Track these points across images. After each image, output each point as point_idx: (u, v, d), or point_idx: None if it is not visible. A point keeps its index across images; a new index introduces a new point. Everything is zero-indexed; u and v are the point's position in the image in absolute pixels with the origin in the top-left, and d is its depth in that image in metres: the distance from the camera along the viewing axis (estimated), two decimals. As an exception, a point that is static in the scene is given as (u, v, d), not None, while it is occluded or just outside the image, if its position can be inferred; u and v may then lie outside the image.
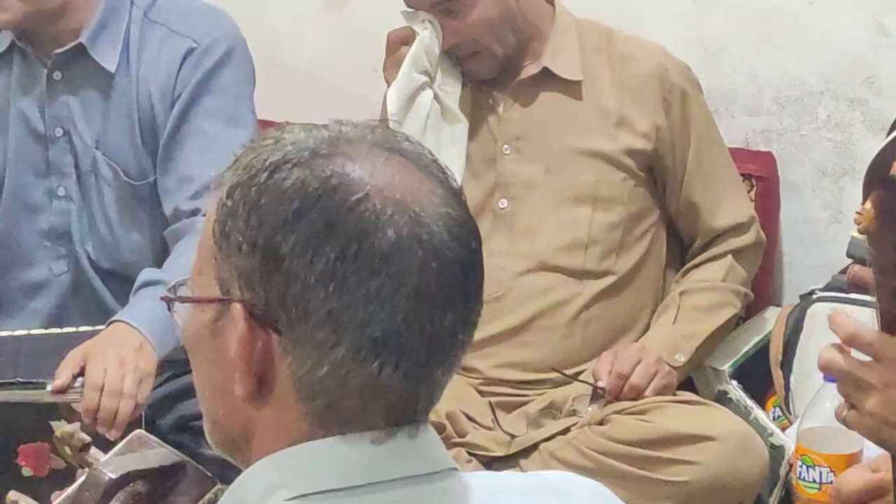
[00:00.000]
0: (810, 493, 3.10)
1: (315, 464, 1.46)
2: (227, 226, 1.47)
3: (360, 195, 1.43)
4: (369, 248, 1.42)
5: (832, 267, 3.47)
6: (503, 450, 3.18)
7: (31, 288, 3.39)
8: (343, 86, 3.46)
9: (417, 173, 1.48)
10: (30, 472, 2.96)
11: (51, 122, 3.31)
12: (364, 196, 1.42)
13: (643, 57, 3.39)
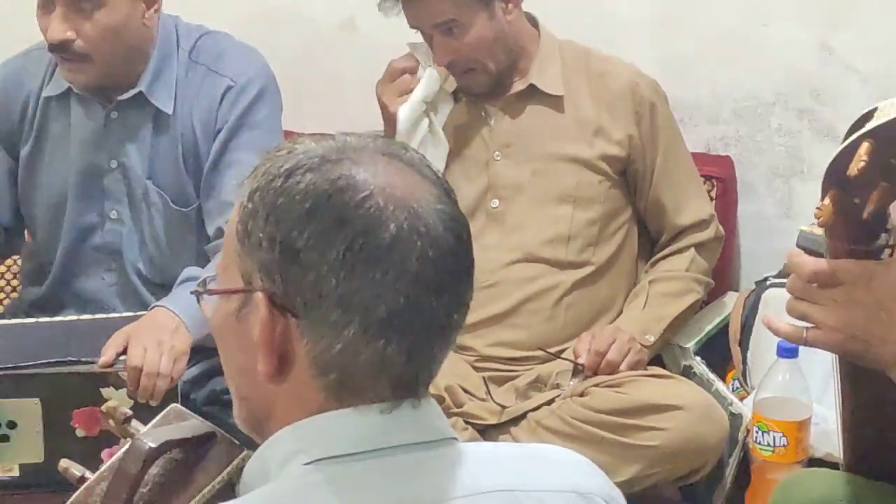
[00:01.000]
0: (765, 455, 3.13)
1: (329, 432, 1.47)
2: (249, 225, 1.49)
3: (364, 194, 1.44)
4: (374, 240, 1.44)
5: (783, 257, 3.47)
6: (495, 419, 3.21)
7: (87, 295, 3.41)
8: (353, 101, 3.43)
9: (414, 175, 1.50)
10: (83, 432, 2.98)
11: (106, 154, 3.33)
12: (368, 194, 1.44)
13: (617, 74, 3.41)
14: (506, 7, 3.28)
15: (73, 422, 2.98)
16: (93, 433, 2.94)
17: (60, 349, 3.04)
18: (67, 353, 3.01)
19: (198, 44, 3.33)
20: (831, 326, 1.99)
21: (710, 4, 3.69)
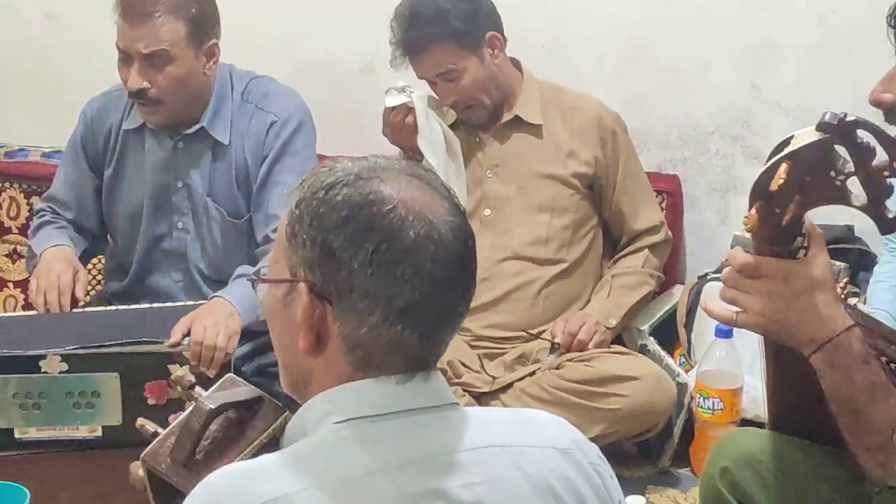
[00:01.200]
0: (706, 416, 3.17)
1: (356, 397, 1.48)
2: (295, 228, 1.50)
3: (389, 206, 1.46)
4: (396, 244, 1.45)
5: (720, 256, 3.48)
6: (488, 387, 3.22)
7: (158, 289, 3.42)
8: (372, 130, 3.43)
9: (430, 191, 1.51)
10: (154, 401, 2.98)
11: (174, 177, 3.35)
12: (393, 207, 1.46)
13: (586, 107, 3.41)
14: (492, 52, 3.29)
15: (145, 392, 2.98)
16: (162, 402, 2.95)
17: (136, 332, 3.04)
18: (141, 336, 3.01)
19: (248, 86, 3.35)
20: (756, 312, 2.00)
21: (661, 52, 3.68)
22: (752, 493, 2.17)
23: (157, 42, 3.10)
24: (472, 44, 3.26)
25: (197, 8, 3.16)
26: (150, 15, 3.10)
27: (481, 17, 3.28)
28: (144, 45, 3.10)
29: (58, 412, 3.00)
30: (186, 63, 3.16)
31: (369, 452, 1.43)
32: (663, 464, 3.23)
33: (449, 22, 3.23)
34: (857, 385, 1.97)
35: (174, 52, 3.13)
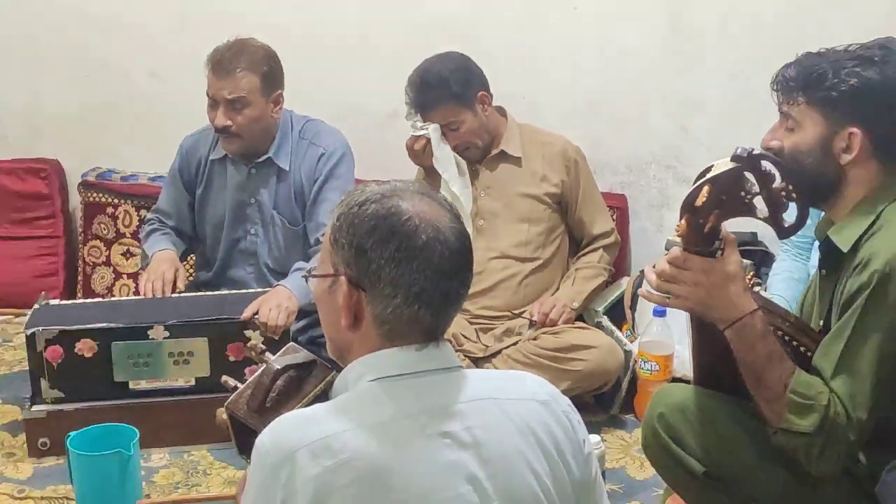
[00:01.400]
0: (646, 375, 3.20)
1: (384, 361, 1.49)
2: (336, 235, 1.51)
3: (406, 217, 1.47)
4: (411, 245, 1.46)
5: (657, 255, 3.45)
6: (482, 353, 3.20)
7: (235, 280, 3.43)
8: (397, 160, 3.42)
9: (437, 205, 1.52)
10: (233, 358, 3.03)
11: (248, 195, 3.37)
12: (409, 217, 1.47)
13: (554, 143, 3.40)
14: (482, 107, 3.29)
15: (227, 352, 3.03)
16: (239, 359, 3.00)
17: (219, 310, 3.10)
18: (223, 312, 3.07)
19: (304, 126, 3.37)
20: (684, 297, 2.02)
21: (612, 103, 3.66)
22: (681, 432, 2.17)
23: (238, 91, 3.15)
24: (466, 102, 3.25)
25: (268, 66, 3.21)
26: (233, 71, 3.15)
27: (473, 81, 3.28)
28: (228, 92, 3.15)
29: (161, 368, 3.05)
30: (259, 107, 3.20)
31: (395, 403, 1.44)
32: (614, 411, 3.21)
33: (449, 88, 3.23)
34: (758, 354, 1.98)
35: (250, 99, 3.17)
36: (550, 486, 1.46)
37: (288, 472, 1.37)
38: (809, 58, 2.09)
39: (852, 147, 2.03)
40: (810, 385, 1.97)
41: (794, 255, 3.08)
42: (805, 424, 1.95)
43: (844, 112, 2.02)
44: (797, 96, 2.06)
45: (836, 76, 2.03)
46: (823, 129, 2.04)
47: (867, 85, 2.02)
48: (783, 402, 1.97)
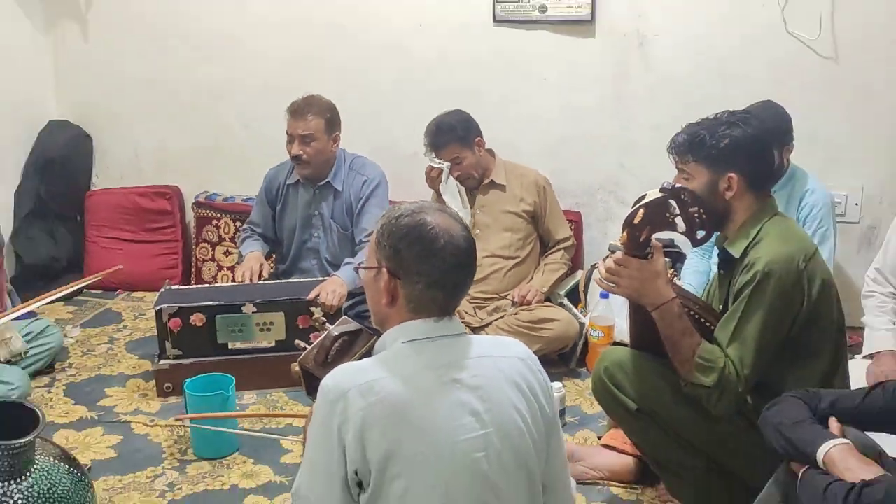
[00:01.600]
0: (595, 340, 3.19)
1: (412, 329, 1.50)
2: (380, 239, 1.52)
3: (430, 227, 1.48)
4: (433, 247, 1.47)
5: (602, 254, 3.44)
6: (478, 324, 3.19)
7: (303, 269, 3.40)
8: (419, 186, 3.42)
9: (451, 219, 1.52)
10: (302, 326, 3.00)
11: (313, 209, 3.35)
12: (431, 227, 1.48)
13: (529, 174, 3.38)
14: (478, 149, 3.27)
15: (297, 322, 3.01)
16: (306, 327, 2.98)
17: (291, 292, 3.08)
18: (294, 294, 3.06)
19: (353, 160, 3.36)
20: (623, 287, 2.03)
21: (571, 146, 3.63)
22: (620, 380, 2.18)
23: (308, 129, 3.17)
24: (467, 144, 3.24)
25: (330, 113, 3.23)
26: (306, 115, 3.18)
27: (472, 130, 3.27)
28: (301, 130, 3.17)
29: (251, 333, 3.05)
30: (322, 142, 3.21)
31: (420, 358, 1.46)
32: (572, 365, 3.19)
33: (456, 133, 3.23)
34: (675, 329, 2.00)
35: (317, 136, 3.19)
36: (529, 420, 1.48)
37: (342, 405, 1.39)
38: (692, 127, 2.13)
39: (732, 186, 2.07)
40: (712, 352, 1.99)
41: (699, 255, 3.08)
42: (707, 380, 1.98)
43: (723, 163, 2.06)
44: (687, 156, 2.10)
45: (713, 138, 2.06)
46: (710, 177, 2.07)
47: (736, 141, 2.06)
48: (692, 363, 1.99)
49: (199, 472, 2.54)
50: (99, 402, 2.98)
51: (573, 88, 3.57)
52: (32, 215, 3.93)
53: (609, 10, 3.44)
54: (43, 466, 1.88)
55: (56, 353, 3.22)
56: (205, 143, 4.05)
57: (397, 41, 3.68)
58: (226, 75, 3.91)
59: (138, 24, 3.94)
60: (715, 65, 3.38)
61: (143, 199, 4.07)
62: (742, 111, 2.17)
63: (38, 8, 4.00)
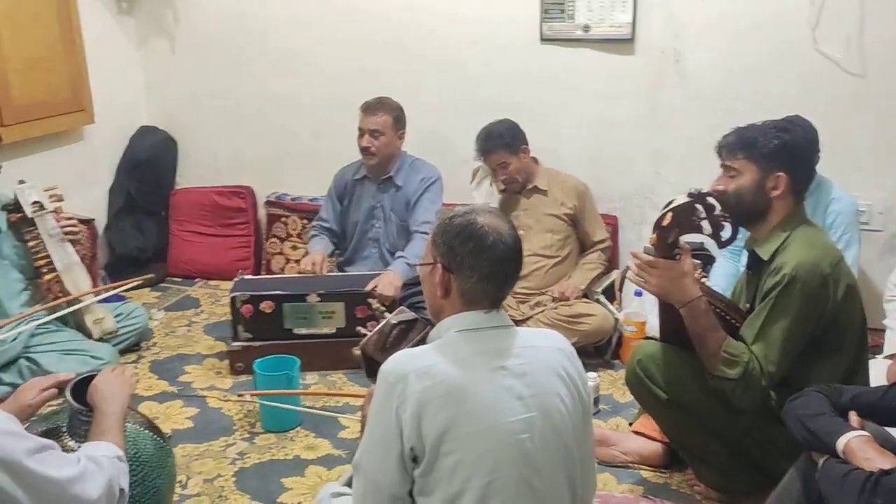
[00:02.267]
0: (628, 334, 3.14)
1: (464, 319, 1.49)
2: (436, 237, 1.52)
3: (480, 226, 1.47)
4: (483, 244, 1.47)
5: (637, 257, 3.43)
6: (521, 317, 3.17)
7: (364, 257, 3.40)
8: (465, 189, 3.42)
9: (500, 219, 1.51)
10: (360, 315, 3.02)
11: (376, 202, 3.36)
12: (482, 226, 1.47)
13: (570, 180, 3.35)
14: (524, 155, 3.26)
15: (356, 312, 3.02)
16: (363, 316, 3.02)
17: (351, 284, 3.09)
18: (353, 285, 3.06)
19: (413, 161, 3.38)
20: (653, 285, 2.01)
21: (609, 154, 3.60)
22: (652, 372, 2.17)
23: (377, 125, 3.22)
24: (513, 151, 3.23)
25: (398, 112, 3.28)
26: (376, 112, 3.22)
27: (519, 138, 3.25)
28: (372, 125, 3.21)
29: (314, 320, 3.07)
30: (389, 137, 3.25)
31: (471, 346, 1.45)
32: (607, 357, 3.16)
33: (504, 139, 3.22)
34: (701, 325, 1.98)
35: (384, 131, 3.23)
36: (569, 405, 1.47)
37: (401, 388, 1.39)
38: (740, 129, 2.10)
39: (779, 186, 2.03)
40: (737, 347, 1.97)
41: (728, 258, 3.04)
42: (732, 373, 1.95)
43: (773, 161, 2.02)
44: (737, 153, 2.05)
45: (764, 138, 2.03)
46: (758, 174, 2.04)
47: (786, 143, 2.02)
48: (718, 357, 1.96)
49: (266, 443, 2.58)
50: (179, 378, 3.05)
51: (612, 101, 3.54)
52: (123, 211, 4.04)
53: (648, 30, 3.41)
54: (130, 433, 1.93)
55: (142, 332, 3.30)
56: (276, 148, 4.10)
57: (452, 57, 3.69)
58: (296, 87, 3.97)
59: (218, 41, 4.02)
60: (746, 80, 3.32)
61: (221, 198, 4.13)
62: (788, 120, 2.13)
63: (132, 27, 4.11)
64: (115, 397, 1.72)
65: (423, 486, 1.40)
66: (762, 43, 3.28)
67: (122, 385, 1.76)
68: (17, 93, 3.31)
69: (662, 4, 3.37)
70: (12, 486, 1.23)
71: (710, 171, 2.20)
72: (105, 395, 1.71)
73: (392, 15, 3.72)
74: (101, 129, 3.90)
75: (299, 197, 4.02)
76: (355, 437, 2.53)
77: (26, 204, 2.90)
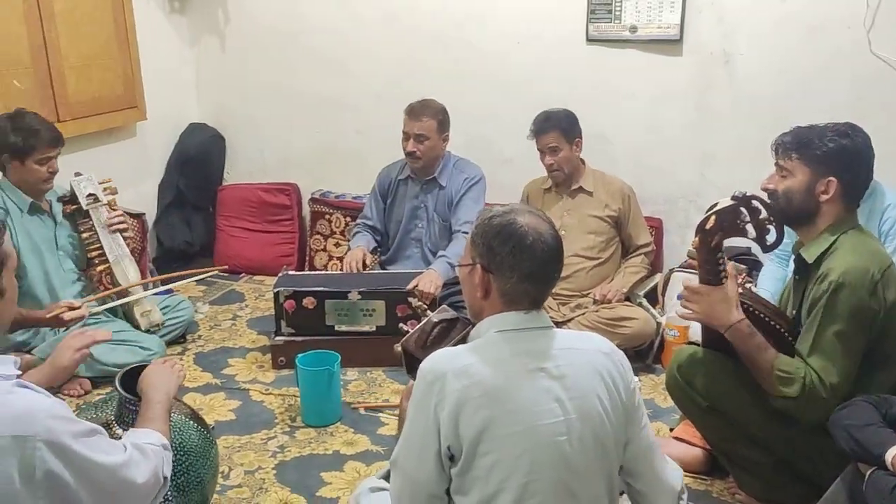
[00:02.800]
0: (670, 338, 3.10)
1: (504, 320, 1.48)
2: (475, 238, 1.51)
3: (520, 226, 1.46)
4: (523, 244, 1.45)
5: (681, 259, 3.39)
6: (562, 319, 3.15)
7: (407, 255, 3.42)
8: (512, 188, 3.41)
9: (540, 219, 1.50)
10: (400, 314, 3.02)
11: (419, 201, 3.37)
12: (521, 226, 1.46)
13: (615, 182, 3.32)
14: (576, 147, 3.23)
15: (396, 310, 3.04)
16: (404, 314, 3.00)
17: (392, 282, 3.10)
18: (394, 284, 3.07)
19: (457, 161, 3.38)
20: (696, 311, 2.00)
21: (655, 157, 3.57)
22: (692, 378, 2.14)
23: (422, 129, 3.21)
24: (568, 138, 3.20)
25: (442, 116, 3.26)
26: (421, 116, 3.22)
27: (575, 129, 3.22)
28: (417, 130, 3.21)
29: (355, 317, 3.08)
30: (434, 141, 3.25)
31: (510, 347, 1.44)
32: (648, 362, 3.13)
33: (560, 123, 3.19)
34: (748, 346, 1.95)
35: (429, 135, 3.23)
36: (609, 408, 1.46)
37: (440, 386, 1.39)
38: (799, 129, 2.05)
39: (829, 191, 1.98)
40: (790, 363, 1.93)
41: (776, 263, 2.97)
42: (790, 391, 1.91)
43: (825, 165, 1.98)
44: (791, 154, 2.02)
45: (820, 141, 1.98)
46: (809, 177, 1.99)
47: (842, 148, 1.98)
48: (772, 377, 1.93)
49: (306, 438, 2.61)
50: (222, 371, 3.09)
51: (659, 103, 3.50)
52: (172, 205, 4.12)
53: (697, 31, 3.36)
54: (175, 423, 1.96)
55: (188, 325, 3.36)
56: (322, 146, 4.14)
57: (496, 57, 3.69)
58: (341, 86, 4.00)
59: (267, 39, 4.08)
60: (798, 83, 3.26)
61: (267, 194, 4.18)
62: (849, 125, 2.08)
63: (184, 26, 4.19)
64: (163, 387, 1.74)
65: (460, 485, 1.40)
66: (815, 45, 3.21)
67: (170, 376, 1.78)
68: (73, 90, 3.41)
69: (712, 5, 3.33)
70: (60, 467, 1.26)
71: (758, 175, 2.16)
72: (153, 384, 1.74)
73: (437, 15, 3.73)
74: (153, 126, 3.98)
75: (343, 195, 4.06)
76: (394, 434, 2.55)
77: (81, 196, 2.99)
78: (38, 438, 1.23)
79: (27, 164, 2.78)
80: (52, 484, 1.26)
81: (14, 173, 2.81)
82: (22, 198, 2.83)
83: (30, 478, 1.23)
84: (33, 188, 2.84)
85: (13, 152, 2.77)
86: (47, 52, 3.28)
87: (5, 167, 2.82)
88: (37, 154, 2.78)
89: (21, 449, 1.22)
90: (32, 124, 2.78)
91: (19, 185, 2.83)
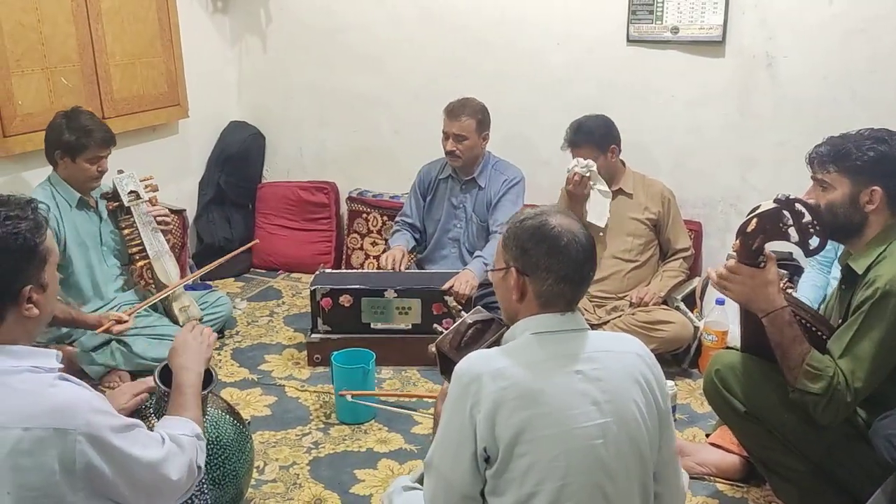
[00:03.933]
0: (708, 343, 3.08)
1: (540, 322, 1.48)
2: (507, 241, 1.52)
3: (552, 227, 1.47)
4: (557, 246, 1.46)
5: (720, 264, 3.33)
6: (597, 321, 3.14)
7: (444, 255, 3.44)
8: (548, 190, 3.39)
9: (572, 220, 1.50)
10: (436, 313, 3.04)
11: (457, 201, 3.39)
12: (554, 227, 1.46)
13: (655, 185, 3.30)
14: (611, 155, 3.20)
15: (432, 309, 3.05)
16: (439, 313, 3.03)
17: (428, 282, 3.12)
18: (430, 283, 3.09)
19: (497, 162, 3.39)
20: (736, 292, 1.96)
21: (695, 160, 3.54)
22: (730, 383, 2.11)
23: (461, 129, 3.22)
24: (601, 148, 3.17)
25: (482, 115, 3.27)
26: (460, 115, 3.22)
27: (610, 138, 3.19)
28: (456, 130, 3.22)
29: (391, 315, 3.10)
30: (473, 140, 3.25)
31: (545, 349, 1.45)
32: (685, 366, 3.11)
33: (593, 136, 3.16)
34: (785, 336, 1.92)
35: (469, 135, 3.24)
36: (645, 412, 1.45)
37: (475, 388, 1.40)
38: (834, 140, 2.01)
39: (874, 200, 1.94)
40: (821, 360, 1.90)
41: (817, 269, 2.93)
42: (815, 387, 1.88)
43: (867, 175, 1.94)
44: (829, 166, 1.98)
45: (858, 150, 1.94)
46: (851, 188, 1.96)
47: (882, 156, 1.93)
48: (800, 370, 1.90)
49: (341, 435, 2.63)
50: (259, 367, 3.14)
51: (700, 105, 3.47)
52: (212, 202, 4.18)
53: (739, 32, 3.32)
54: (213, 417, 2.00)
55: (226, 321, 3.40)
56: (360, 145, 4.17)
57: (536, 57, 3.68)
58: (380, 85, 4.03)
59: (307, 39, 4.12)
60: (843, 86, 3.20)
61: (305, 193, 4.22)
62: (887, 131, 2.04)
63: (226, 25, 4.26)
64: (194, 366, 1.71)
65: (495, 487, 1.40)
66: (860, 48, 3.15)
67: (198, 350, 1.75)
68: (118, 87, 3.49)
69: (756, 7, 3.28)
70: (99, 460, 1.29)
71: (800, 179, 2.13)
72: (183, 365, 1.70)
73: (477, 14, 3.73)
74: (195, 124, 4.05)
75: (381, 194, 4.08)
76: (428, 433, 2.56)
77: (123, 193, 3.05)
78: (79, 432, 1.26)
79: (78, 163, 2.85)
80: (92, 476, 1.29)
81: (64, 169, 2.88)
82: (70, 193, 2.91)
83: (70, 470, 1.26)
84: (82, 185, 2.92)
85: (65, 150, 2.84)
86: (94, 50, 3.36)
87: (56, 163, 2.89)
88: (88, 153, 2.85)
89: (62, 442, 1.25)
90: (87, 124, 2.85)
91: (68, 181, 2.90)
